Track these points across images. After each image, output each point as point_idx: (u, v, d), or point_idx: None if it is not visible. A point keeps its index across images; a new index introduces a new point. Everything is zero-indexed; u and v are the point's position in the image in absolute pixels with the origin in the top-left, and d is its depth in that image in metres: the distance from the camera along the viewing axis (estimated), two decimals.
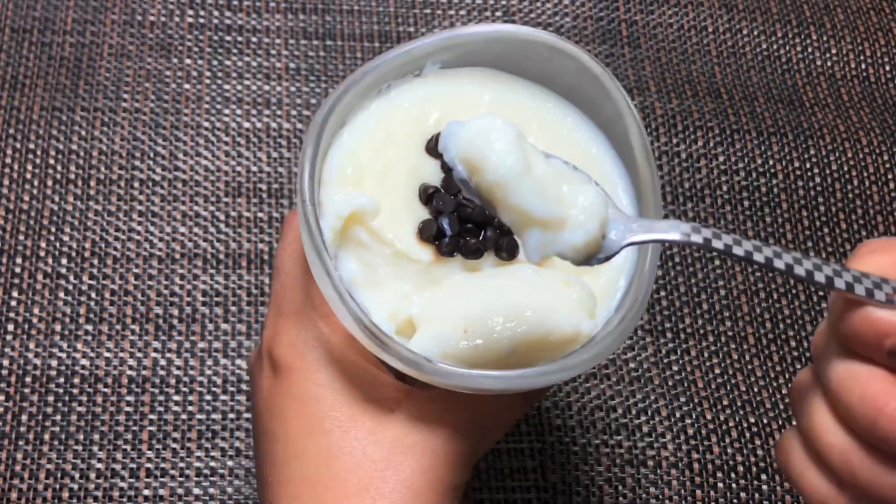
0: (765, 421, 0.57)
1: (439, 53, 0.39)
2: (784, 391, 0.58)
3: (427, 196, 0.37)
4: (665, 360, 0.58)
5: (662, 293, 0.60)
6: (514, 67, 0.40)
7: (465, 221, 0.37)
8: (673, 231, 0.31)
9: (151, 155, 0.61)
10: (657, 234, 0.32)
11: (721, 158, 0.65)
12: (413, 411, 0.38)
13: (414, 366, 0.34)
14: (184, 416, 0.54)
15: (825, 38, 0.70)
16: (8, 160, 0.60)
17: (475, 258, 0.37)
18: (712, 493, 0.55)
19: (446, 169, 0.38)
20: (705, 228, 0.31)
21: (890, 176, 0.66)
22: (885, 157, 0.66)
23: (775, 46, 0.70)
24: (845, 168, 0.65)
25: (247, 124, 0.63)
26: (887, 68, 0.70)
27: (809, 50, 0.70)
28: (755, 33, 0.70)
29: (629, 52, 0.68)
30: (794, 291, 0.61)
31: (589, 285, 0.37)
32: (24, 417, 0.53)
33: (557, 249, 0.31)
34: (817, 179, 0.65)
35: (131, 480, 0.53)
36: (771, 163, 0.65)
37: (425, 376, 0.34)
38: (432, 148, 0.38)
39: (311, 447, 0.37)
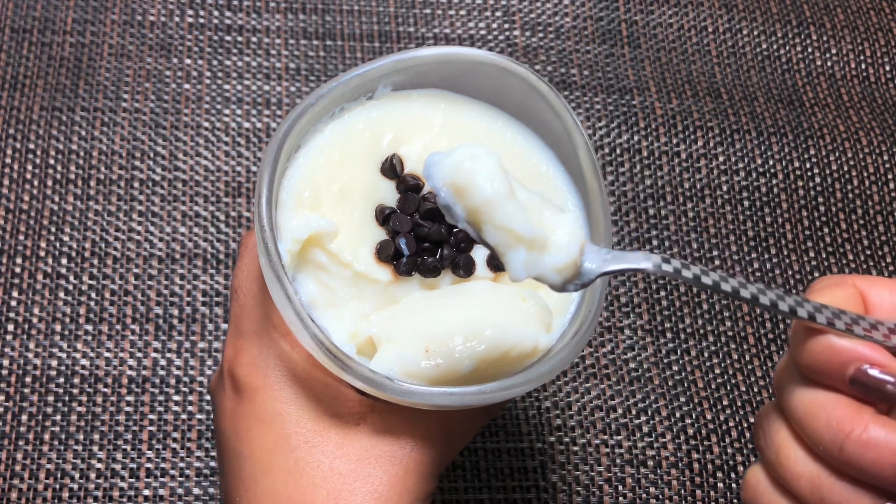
0: None
1: (391, 76, 0.39)
2: None
3: (384, 217, 0.38)
4: (665, 360, 0.58)
5: (662, 293, 0.60)
6: (465, 88, 0.41)
7: (422, 241, 0.38)
8: (645, 262, 0.32)
9: (151, 155, 0.61)
10: (631, 265, 0.33)
11: (721, 158, 0.65)
12: (378, 424, 0.38)
13: (376, 385, 0.34)
14: (184, 416, 0.54)
15: (825, 38, 0.70)
16: (8, 160, 0.60)
17: (433, 276, 0.38)
18: (712, 493, 0.55)
19: (402, 189, 0.39)
20: (674, 260, 0.32)
21: (890, 176, 0.66)
22: (885, 157, 0.66)
23: (775, 46, 0.70)
24: (845, 168, 0.65)
25: (247, 124, 0.63)
26: (887, 68, 0.70)
27: (809, 50, 0.70)
28: (755, 33, 0.70)
29: (629, 52, 0.68)
30: (794, 292, 0.61)
31: (544, 299, 0.38)
32: (24, 417, 0.53)
33: (540, 270, 0.33)
34: (817, 179, 0.65)
35: (131, 480, 0.53)
36: (771, 163, 0.65)
37: (387, 395, 0.35)
38: (387, 169, 0.39)
39: (277, 463, 0.37)
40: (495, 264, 0.39)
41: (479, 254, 0.39)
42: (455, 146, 0.33)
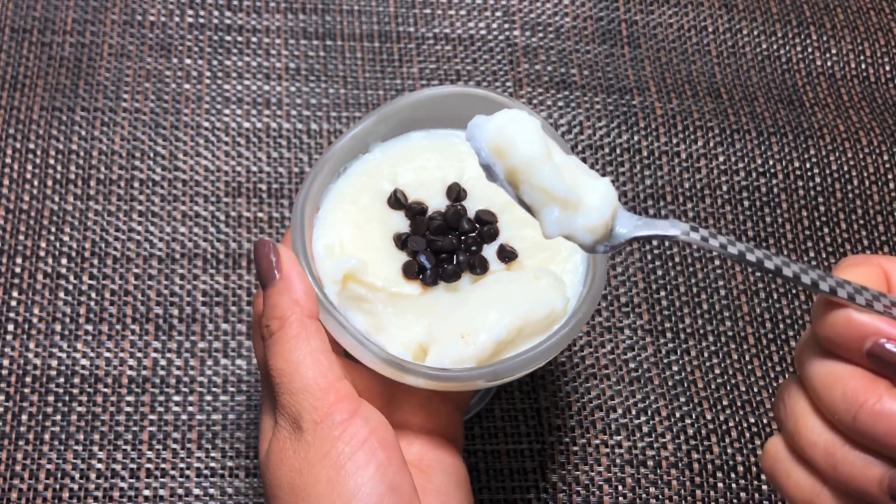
0: (765, 421, 0.57)
1: (377, 129, 0.45)
2: None
3: (401, 242, 0.44)
4: (665, 360, 0.58)
5: (662, 293, 0.60)
6: (443, 122, 0.47)
7: (438, 253, 0.43)
8: (673, 229, 0.35)
9: (151, 155, 0.61)
10: (660, 231, 0.35)
11: (721, 158, 0.65)
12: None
13: (436, 378, 0.40)
14: (184, 417, 0.54)
15: (825, 38, 0.70)
16: (8, 160, 0.60)
17: (455, 280, 0.43)
18: (712, 493, 0.55)
19: (410, 215, 0.44)
20: (703, 229, 0.34)
21: (890, 176, 0.66)
22: (885, 157, 0.66)
23: (775, 46, 0.70)
24: (845, 168, 0.65)
25: (247, 124, 0.63)
26: (887, 68, 0.70)
27: (809, 50, 0.70)
28: (755, 33, 0.70)
29: (629, 52, 0.68)
30: (794, 292, 0.61)
31: (555, 273, 0.43)
32: (24, 417, 0.54)
33: (573, 228, 0.36)
34: (817, 179, 0.65)
35: (131, 480, 0.53)
36: (771, 163, 0.65)
37: (447, 384, 0.41)
38: (394, 202, 0.45)
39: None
40: (505, 256, 0.44)
41: (490, 251, 0.44)
42: (498, 113, 0.37)
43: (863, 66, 0.70)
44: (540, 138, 0.36)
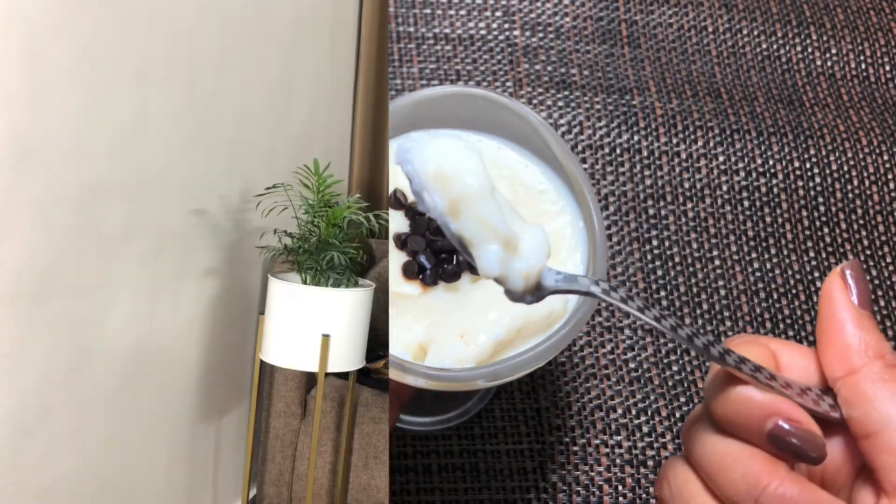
0: None
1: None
2: None
3: (401, 241, 0.43)
4: (665, 360, 0.58)
5: (662, 293, 0.60)
6: (445, 122, 0.46)
7: (439, 253, 0.43)
8: (594, 287, 0.36)
9: None
10: (581, 287, 0.36)
11: (721, 158, 0.65)
12: None
13: (435, 378, 0.39)
14: None
15: (825, 38, 0.70)
16: None
17: (454, 280, 0.43)
18: None
19: (410, 215, 0.44)
20: (621, 289, 0.35)
21: (890, 176, 0.66)
22: (885, 157, 0.66)
23: (775, 46, 0.70)
24: (845, 168, 0.65)
25: None
26: (887, 68, 0.70)
27: (809, 50, 0.70)
28: (755, 33, 0.70)
29: (629, 52, 0.68)
30: (794, 291, 0.61)
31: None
32: None
33: (510, 271, 0.36)
34: (817, 179, 0.65)
35: None
36: (771, 163, 0.65)
37: (445, 384, 0.40)
38: (394, 202, 0.44)
39: None
40: None
41: None
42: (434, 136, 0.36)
43: (863, 66, 0.70)
44: (485, 171, 0.35)
